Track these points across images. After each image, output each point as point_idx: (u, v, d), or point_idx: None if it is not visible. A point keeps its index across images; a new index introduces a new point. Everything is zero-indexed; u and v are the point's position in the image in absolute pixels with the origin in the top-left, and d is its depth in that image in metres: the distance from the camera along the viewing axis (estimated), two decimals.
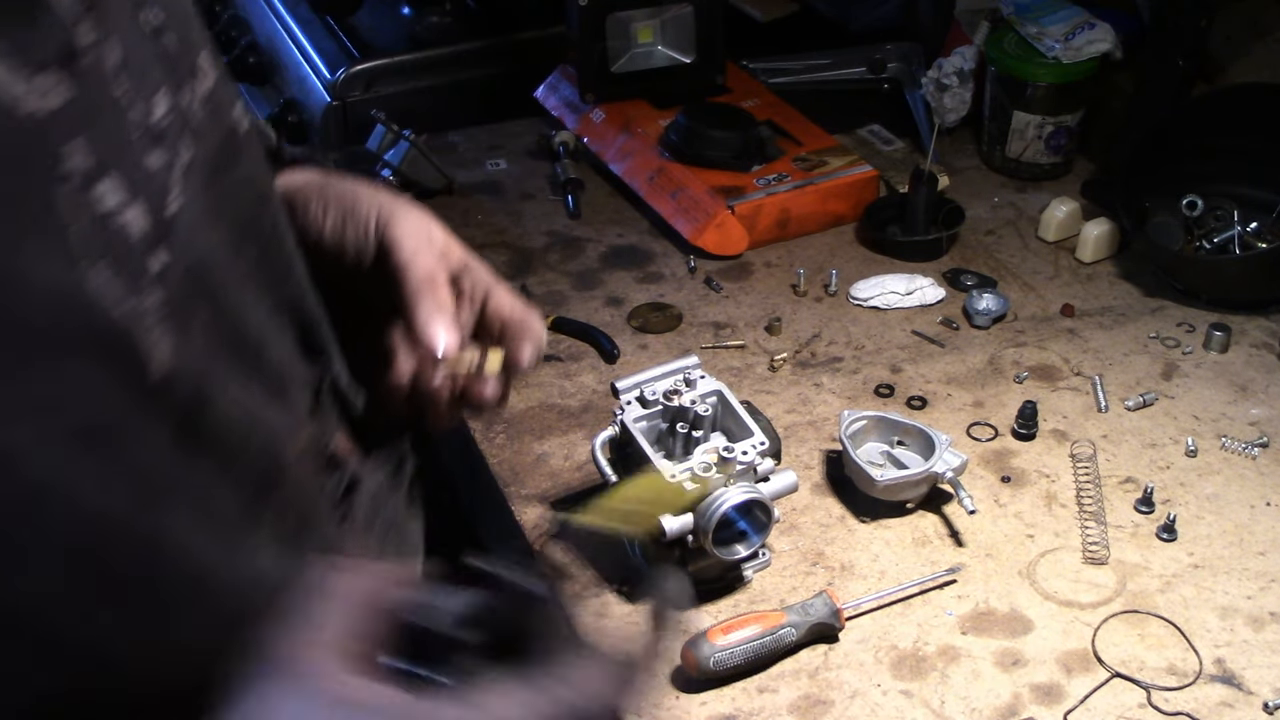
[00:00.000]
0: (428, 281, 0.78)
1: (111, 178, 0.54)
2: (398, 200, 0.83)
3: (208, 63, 0.67)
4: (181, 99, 0.63)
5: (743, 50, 1.90)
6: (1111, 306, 1.50)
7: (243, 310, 0.66)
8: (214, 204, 0.65)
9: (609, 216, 1.67)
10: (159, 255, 0.56)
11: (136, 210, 0.55)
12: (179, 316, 0.57)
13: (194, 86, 0.65)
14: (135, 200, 0.55)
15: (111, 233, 0.53)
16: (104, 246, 0.52)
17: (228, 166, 0.68)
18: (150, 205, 0.57)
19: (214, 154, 0.66)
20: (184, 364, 0.56)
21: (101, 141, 0.53)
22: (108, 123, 0.55)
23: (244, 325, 0.66)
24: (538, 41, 1.95)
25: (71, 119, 0.51)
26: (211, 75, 0.67)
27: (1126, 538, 1.19)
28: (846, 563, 1.16)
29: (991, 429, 1.32)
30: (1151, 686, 1.05)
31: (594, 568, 1.15)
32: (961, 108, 1.73)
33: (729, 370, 1.40)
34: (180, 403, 0.56)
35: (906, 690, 1.04)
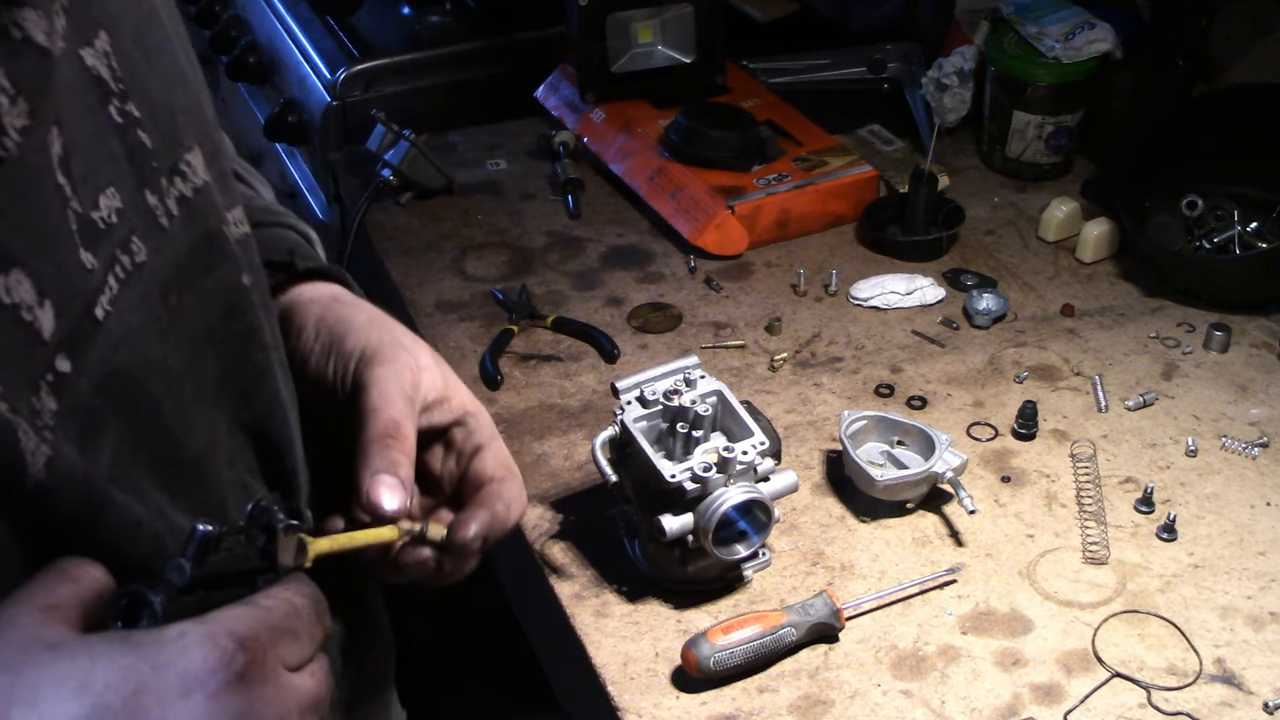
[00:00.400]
0: (387, 433, 0.74)
1: (20, 271, 0.51)
2: (394, 337, 0.79)
3: (199, 165, 0.64)
4: (145, 198, 0.60)
5: (743, 50, 1.90)
6: (1111, 306, 1.50)
7: (179, 426, 0.63)
8: (169, 311, 0.62)
9: (609, 216, 1.67)
10: (64, 361, 0.54)
11: (47, 311, 0.52)
12: (80, 425, 0.54)
13: (169, 187, 0.62)
14: (45, 300, 0.52)
15: (12, 327, 0.51)
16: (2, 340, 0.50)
17: (198, 273, 0.65)
18: (66, 308, 0.54)
19: (182, 258, 0.63)
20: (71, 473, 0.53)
21: (9, 231, 0.50)
22: (28, 214, 0.52)
23: (176, 442, 0.63)
24: (538, 41, 1.95)
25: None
26: (201, 178, 0.64)
27: (1126, 538, 1.19)
28: (846, 563, 1.16)
29: (991, 429, 1.32)
30: (1151, 686, 1.05)
31: (594, 568, 1.15)
32: (961, 108, 1.73)
33: (729, 370, 1.40)
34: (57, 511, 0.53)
35: (906, 690, 1.04)
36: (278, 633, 0.55)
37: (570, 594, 1.13)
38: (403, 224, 1.64)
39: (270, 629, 0.54)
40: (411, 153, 1.65)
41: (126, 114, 0.59)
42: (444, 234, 1.63)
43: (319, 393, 0.79)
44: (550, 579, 1.15)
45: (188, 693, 0.50)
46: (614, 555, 1.16)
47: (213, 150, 0.67)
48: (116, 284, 0.57)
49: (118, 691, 0.49)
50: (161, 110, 0.62)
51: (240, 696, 0.51)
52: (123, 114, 0.59)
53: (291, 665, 0.55)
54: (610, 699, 1.04)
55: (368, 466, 0.73)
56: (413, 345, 0.81)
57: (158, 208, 0.61)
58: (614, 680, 1.05)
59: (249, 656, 0.52)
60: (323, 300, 0.83)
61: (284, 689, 0.54)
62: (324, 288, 0.85)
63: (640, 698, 1.04)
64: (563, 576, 1.15)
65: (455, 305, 1.50)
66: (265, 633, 0.54)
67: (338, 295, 0.84)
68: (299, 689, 0.55)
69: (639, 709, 1.03)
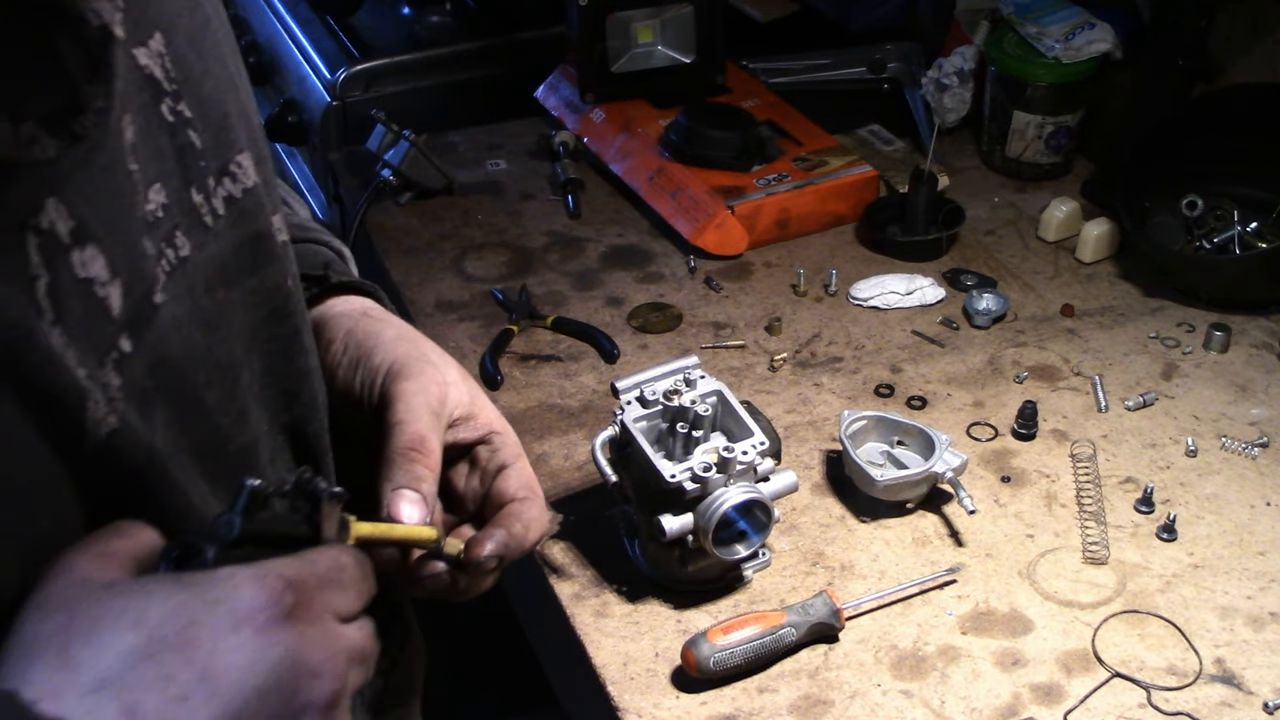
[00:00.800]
0: (411, 447, 0.75)
1: (95, 247, 0.53)
2: (422, 352, 0.81)
3: (250, 167, 0.66)
4: (190, 196, 0.61)
5: (743, 50, 1.91)
6: (1111, 306, 1.50)
7: (224, 418, 0.64)
8: (215, 306, 0.64)
9: (609, 216, 1.67)
10: (126, 341, 0.56)
11: (116, 289, 0.55)
12: (137, 404, 0.56)
13: (217, 186, 0.64)
14: (115, 279, 0.55)
15: (87, 300, 0.53)
16: (77, 310, 0.52)
17: (244, 272, 0.67)
18: (131, 289, 0.56)
19: (227, 256, 0.65)
20: (133, 445, 0.55)
21: (87, 208, 0.53)
22: (102, 193, 0.54)
23: (221, 433, 0.64)
24: (538, 41, 1.95)
25: (54, 177, 0.51)
26: (252, 179, 0.66)
27: (1126, 538, 1.19)
28: (846, 563, 1.16)
29: (991, 429, 1.32)
30: (1151, 686, 1.05)
31: (594, 568, 1.15)
32: (961, 108, 1.74)
33: (729, 370, 1.40)
34: (117, 479, 0.55)
35: (906, 690, 1.04)
36: (325, 580, 0.56)
37: (570, 594, 1.13)
38: (403, 224, 1.64)
39: (318, 577, 0.56)
40: (411, 153, 1.65)
41: (178, 114, 0.61)
42: (444, 234, 1.63)
43: (345, 406, 0.80)
44: (550, 579, 1.15)
45: (238, 627, 0.51)
46: (614, 555, 1.16)
47: (260, 156, 0.69)
48: (163, 275, 0.59)
49: (171, 625, 0.50)
50: (213, 112, 0.64)
51: (288, 633, 0.53)
52: (174, 113, 0.60)
53: (339, 614, 0.56)
54: (610, 699, 1.04)
55: (390, 480, 0.74)
56: (441, 361, 0.81)
57: (203, 206, 0.62)
58: (614, 680, 1.05)
59: (297, 597, 0.53)
60: (353, 314, 0.84)
61: (331, 633, 0.55)
62: (355, 301, 0.86)
63: (640, 698, 1.04)
64: (563, 576, 1.15)
65: (455, 305, 1.50)
66: (313, 579, 0.55)
67: (368, 310, 0.85)
68: (347, 636, 0.56)
69: (639, 709, 1.03)
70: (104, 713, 0.48)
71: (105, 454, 0.54)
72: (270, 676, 0.51)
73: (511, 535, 0.78)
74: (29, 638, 0.50)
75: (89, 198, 0.53)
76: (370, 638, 0.58)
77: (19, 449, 0.51)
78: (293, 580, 0.54)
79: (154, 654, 0.50)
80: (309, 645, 0.53)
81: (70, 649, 0.49)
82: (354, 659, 0.56)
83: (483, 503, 0.82)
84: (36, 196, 0.51)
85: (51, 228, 0.51)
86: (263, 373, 0.70)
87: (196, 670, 0.50)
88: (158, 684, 0.49)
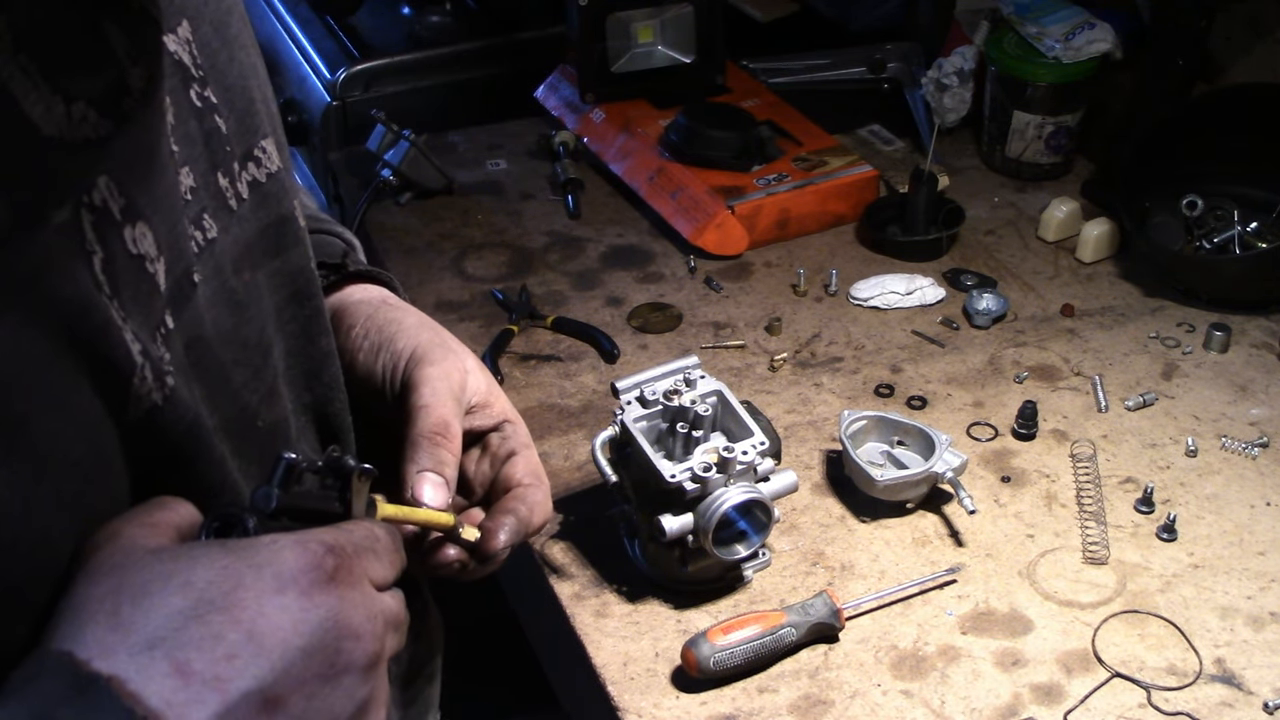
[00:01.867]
0: (436, 431, 0.77)
1: (144, 225, 0.55)
2: (443, 340, 0.82)
3: (274, 152, 0.68)
4: (216, 179, 0.63)
5: (743, 50, 1.90)
6: (1111, 306, 1.50)
7: (251, 396, 0.66)
8: (243, 287, 0.65)
9: (609, 216, 1.67)
10: (170, 317, 0.57)
11: (161, 267, 0.57)
12: (180, 380, 0.58)
13: (241, 171, 0.65)
14: (161, 256, 0.57)
15: (139, 276, 0.55)
16: (131, 286, 0.54)
17: (268, 255, 0.68)
18: (173, 267, 0.58)
19: (251, 239, 0.66)
20: (176, 418, 0.57)
21: (135, 187, 0.54)
22: (148, 172, 0.56)
23: (249, 411, 0.66)
24: (538, 41, 1.95)
25: (104, 155, 0.53)
26: (275, 164, 0.68)
27: (1126, 538, 1.19)
28: (846, 563, 1.16)
29: (991, 429, 1.32)
30: (1151, 686, 1.05)
31: (594, 568, 1.15)
32: (961, 108, 1.74)
33: (729, 370, 1.40)
34: (160, 450, 0.57)
35: (906, 690, 1.04)
36: (362, 549, 0.57)
37: (570, 594, 1.13)
38: (403, 224, 1.64)
39: (355, 545, 0.57)
40: (411, 153, 1.65)
41: (205, 99, 0.62)
42: (444, 234, 1.63)
43: (365, 390, 0.82)
44: (550, 579, 1.15)
45: (282, 589, 0.53)
46: (614, 555, 1.16)
47: (280, 142, 0.71)
48: (194, 257, 0.61)
49: (218, 587, 0.52)
50: (238, 99, 0.65)
51: (330, 595, 0.54)
52: (201, 99, 0.62)
53: (375, 582, 0.58)
54: (610, 699, 1.04)
55: (415, 462, 0.76)
56: (459, 349, 0.83)
57: (228, 190, 0.64)
58: (614, 680, 1.05)
59: (338, 560, 0.55)
60: (372, 301, 0.86)
61: (370, 596, 0.57)
62: (373, 290, 0.88)
63: (640, 698, 1.04)
64: (563, 576, 1.15)
65: (455, 305, 1.50)
66: (351, 546, 0.57)
67: (386, 298, 0.87)
68: (384, 601, 0.58)
69: (639, 709, 1.03)
70: (155, 670, 0.49)
71: (150, 427, 0.56)
72: (314, 637, 0.53)
73: (519, 518, 0.79)
74: (80, 601, 0.51)
75: (136, 177, 0.55)
76: (403, 606, 0.60)
77: (79, 420, 0.52)
78: (333, 546, 0.55)
79: (202, 615, 0.51)
80: (350, 608, 0.55)
81: (121, 611, 0.51)
82: (390, 624, 0.58)
83: (490, 488, 0.84)
84: (89, 174, 0.52)
85: (104, 205, 0.53)
86: (286, 353, 0.71)
87: (243, 630, 0.51)
88: (206, 643, 0.50)
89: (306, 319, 0.73)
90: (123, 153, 0.54)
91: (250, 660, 0.51)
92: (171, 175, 0.58)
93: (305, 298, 0.73)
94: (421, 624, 0.95)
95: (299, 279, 0.72)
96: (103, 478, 0.55)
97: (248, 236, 0.66)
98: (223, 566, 0.53)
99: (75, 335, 0.51)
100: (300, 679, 0.52)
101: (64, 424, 0.51)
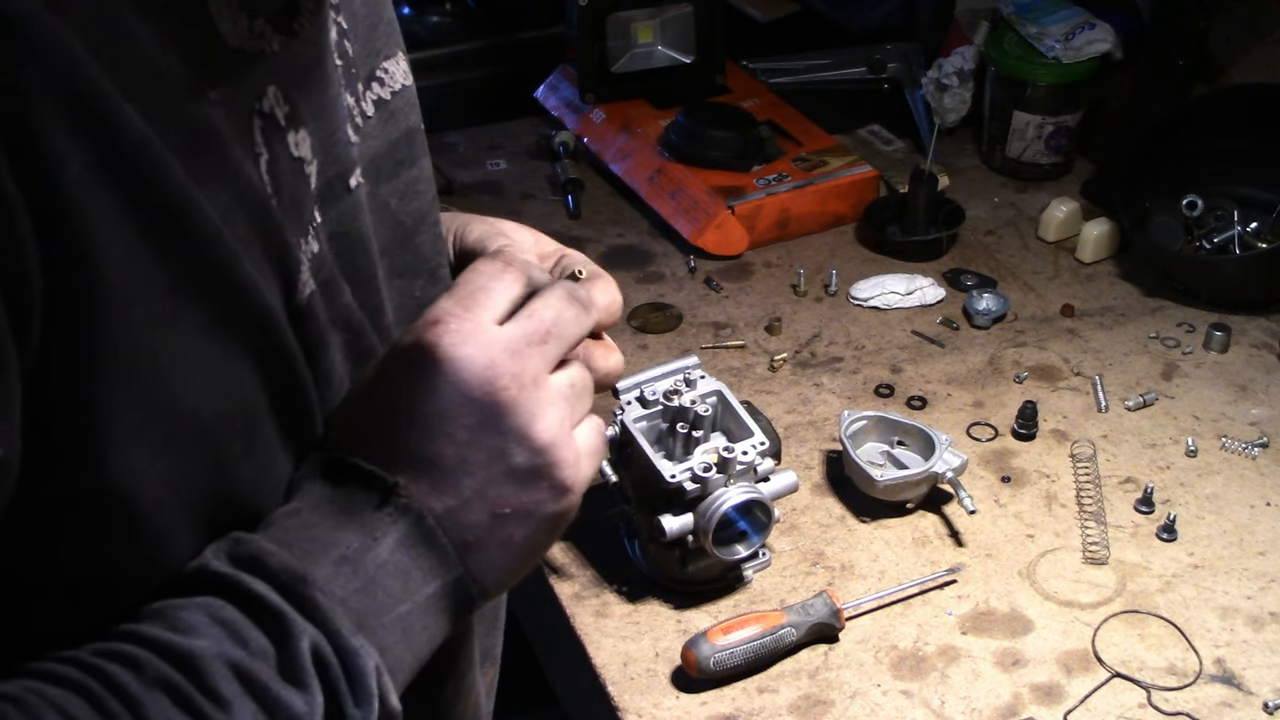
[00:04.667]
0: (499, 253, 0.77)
1: (305, 130, 0.59)
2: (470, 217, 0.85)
3: (398, 71, 0.71)
4: (345, 99, 0.65)
5: (743, 50, 1.91)
6: (1111, 306, 1.50)
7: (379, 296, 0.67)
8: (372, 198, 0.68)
9: (609, 216, 1.67)
10: (317, 212, 0.61)
11: (314, 168, 0.60)
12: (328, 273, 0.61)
13: (366, 91, 0.68)
14: (315, 159, 0.60)
15: (298, 177, 0.59)
16: (290, 186, 0.58)
17: (401, 165, 0.71)
18: (325, 170, 0.61)
19: (379, 154, 0.69)
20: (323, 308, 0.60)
21: (300, 96, 0.59)
22: (312, 84, 0.60)
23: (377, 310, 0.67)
24: (538, 41, 1.95)
25: (274, 67, 0.57)
26: (400, 82, 0.71)
27: (1126, 538, 1.19)
28: (846, 563, 1.16)
29: (991, 429, 1.32)
30: (1151, 686, 1.05)
31: (594, 568, 1.15)
32: (961, 108, 1.74)
33: (729, 370, 1.40)
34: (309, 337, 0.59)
35: (906, 690, 1.04)
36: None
37: (570, 594, 1.13)
38: None
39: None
40: None
41: (338, 25, 0.65)
42: None
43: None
44: (550, 579, 1.15)
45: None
46: (614, 555, 1.16)
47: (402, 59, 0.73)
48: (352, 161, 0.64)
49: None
50: (363, 24, 0.68)
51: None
52: (336, 25, 0.65)
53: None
54: (610, 699, 1.04)
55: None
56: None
57: (354, 108, 0.66)
58: (614, 680, 1.05)
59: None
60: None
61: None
62: None
63: (640, 698, 1.04)
64: (563, 576, 1.15)
65: None
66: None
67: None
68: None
69: (639, 709, 1.03)
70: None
71: (305, 311, 0.58)
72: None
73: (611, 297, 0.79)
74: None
75: (301, 87, 0.59)
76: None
77: (258, 309, 0.54)
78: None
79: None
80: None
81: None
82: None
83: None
84: (261, 84, 0.57)
85: (271, 112, 0.57)
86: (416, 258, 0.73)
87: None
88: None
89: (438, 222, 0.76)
90: (291, 66, 0.58)
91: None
92: (336, 87, 0.62)
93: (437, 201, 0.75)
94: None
95: (434, 184, 0.75)
96: (282, 355, 0.57)
97: (373, 151, 0.68)
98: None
99: (257, 226, 0.54)
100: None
101: (255, 308, 0.54)
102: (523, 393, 0.59)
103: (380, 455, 0.59)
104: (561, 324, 0.62)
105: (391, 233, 0.70)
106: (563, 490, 0.62)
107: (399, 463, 0.58)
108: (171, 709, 0.50)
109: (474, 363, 0.58)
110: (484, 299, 0.61)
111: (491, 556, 0.60)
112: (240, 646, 0.52)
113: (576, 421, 0.63)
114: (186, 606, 0.53)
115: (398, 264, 0.71)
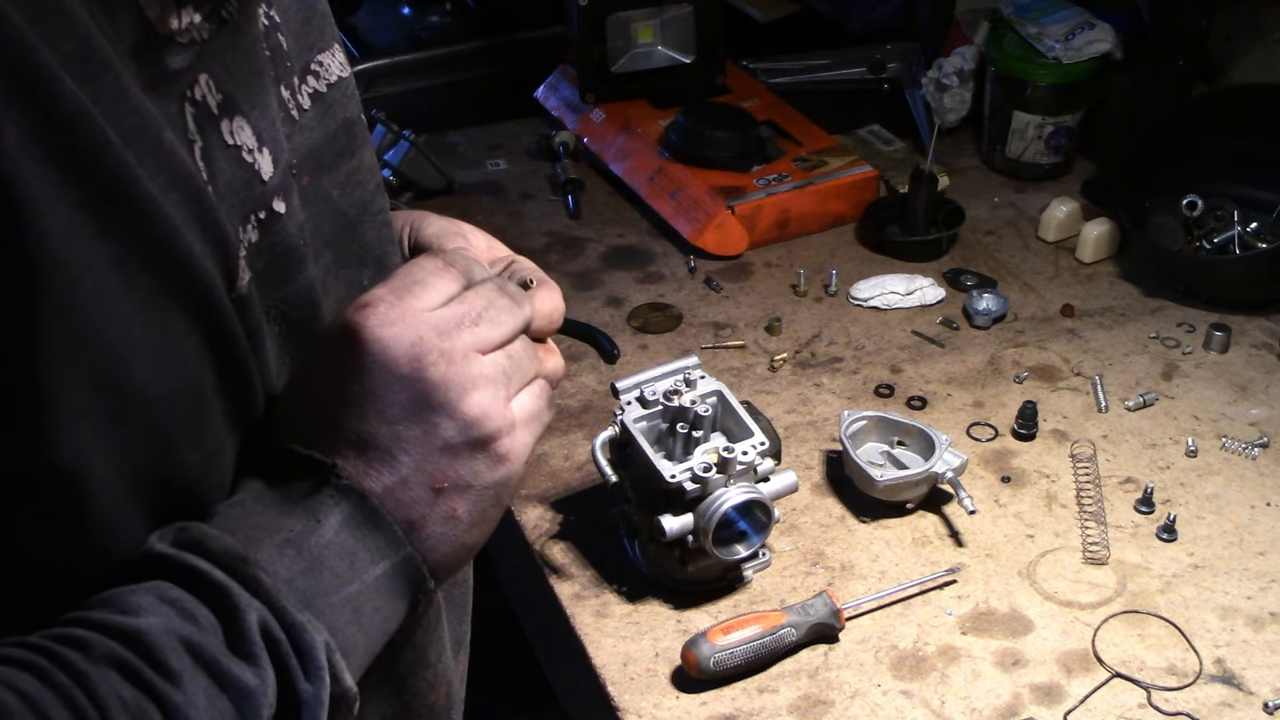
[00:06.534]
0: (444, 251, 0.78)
1: (242, 119, 0.60)
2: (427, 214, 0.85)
3: (333, 63, 0.71)
4: (279, 93, 0.65)
5: (743, 50, 1.91)
6: (1111, 306, 1.50)
7: (322, 290, 0.67)
8: (312, 190, 0.68)
9: (609, 216, 1.67)
10: (280, 203, 0.61)
11: (266, 158, 0.60)
12: (273, 262, 0.61)
13: (301, 85, 0.68)
14: (264, 148, 0.60)
15: (236, 165, 0.59)
16: (227, 173, 0.58)
17: (340, 157, 0.71)
18: (278, 159, 0.61)
19: (317, 146, 0.69)
20: (255, 303, 0.59)
21: (232, 84, 0.59)
22: (244, 72, 0.60)
23: (316, 315, 0.67)
24: (538, 41, 1.95)
25: (205, 55, 0.58)
26: (335, 74, 0.71)
27: (1126, 538, 1.19)
28: (846, 563, 1.16)
29: (991, 429, 1.32)
30: (1151, 686, 1.05)
31: (594, 568, 1.15)
32: (961, 108, 1.74)
33: (729, 370, 1.40)
34: (247, 326, 0.59)
35: (906, 690, 1.04)
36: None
37: (570, 594, 1.13)
38: None
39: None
40: (411, 153, 1.65)
41: (270, 19, 0.65)
42: None
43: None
44: (550, 579, 1.15)
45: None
46: (614, 555, 1.16)
47: (338, 51, 0.73)
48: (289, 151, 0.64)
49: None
50: (295, 18, 0.69)
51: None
52: (268, 18, 0.65)
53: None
54: (610, 699, 1.04)
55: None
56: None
57: (289, 102, 0.66)
58: (614, 680, 1.05)
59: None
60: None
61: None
62: None
63: (640, 698, 1.04)
64: (563, 576, 1.15)
65: None
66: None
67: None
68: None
69: (639, 709, 1.03)
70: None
71: (248, 303, 0.59)
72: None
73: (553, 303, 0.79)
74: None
75: (234, 75, 0.59)
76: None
77: (200, 288, 0.55)
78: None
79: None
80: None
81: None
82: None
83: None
84: (191, 72, 0.57)
85: (203, 100, 0.57)
86: (361, 249, 0.73)
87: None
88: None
89: (385, 210, 0.75)
90: (222, 53, 0.58)
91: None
92: (266, 75, 0.62)
93: (382, 191, 0.75)
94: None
95: (376, 174, 0.74)
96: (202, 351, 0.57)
97: (311, 143, 0.68)
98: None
99: (193, 209, 0.55)
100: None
101: (197, 287, 0.54)
102: (450, 368, 0.60)
103: (317, 439, 0.60)
104: (493, 310, 0.63)
105: (335, 223, 0.70)
106: (499, 460, 0.62)
107: (335, 445, 0.59)
108: (121, 684, 0.50)
109: (401, 340, 0.59)
110: (418, 290, 0.62)
111: (437, 532, 0.61)
112: (189, 622, 0.53)
113: (515, 391, 0.63)
114: (134, 591, 0.53)
115: (344, 255, 0.71)
